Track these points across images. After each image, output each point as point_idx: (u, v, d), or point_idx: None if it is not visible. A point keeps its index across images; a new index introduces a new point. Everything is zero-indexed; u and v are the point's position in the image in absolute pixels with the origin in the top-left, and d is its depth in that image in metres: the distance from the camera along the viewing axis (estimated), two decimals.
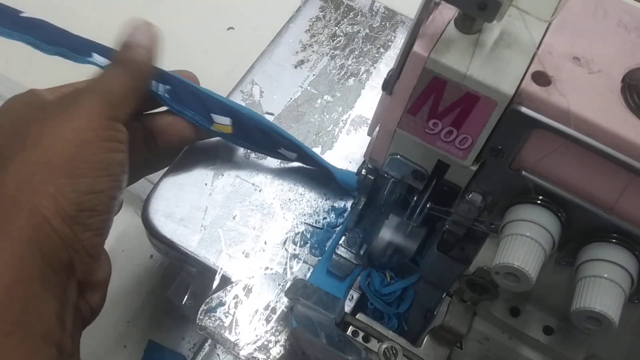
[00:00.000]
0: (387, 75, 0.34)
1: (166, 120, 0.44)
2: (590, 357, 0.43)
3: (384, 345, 0.41)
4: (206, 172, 0.46)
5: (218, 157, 0.47)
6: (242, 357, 0.39)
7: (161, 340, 0.54)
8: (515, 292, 0.42)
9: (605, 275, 0.31)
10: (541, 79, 0.31)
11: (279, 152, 0.45)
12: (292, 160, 0.46)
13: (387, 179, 0.40)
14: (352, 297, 0.43)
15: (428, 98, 0.33)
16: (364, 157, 0.40)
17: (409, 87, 0.33)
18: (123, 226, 0.58)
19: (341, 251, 0.43)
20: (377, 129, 0.37)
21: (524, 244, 0.31)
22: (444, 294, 0.43)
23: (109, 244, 0.51)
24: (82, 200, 0.34)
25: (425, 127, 0.34)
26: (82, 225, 0.35)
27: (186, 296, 0.44)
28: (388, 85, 0.34)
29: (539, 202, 0.33)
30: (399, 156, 0.37)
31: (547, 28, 0.33)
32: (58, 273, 0.34)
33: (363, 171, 0.41)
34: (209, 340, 0.54)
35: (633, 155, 0.30)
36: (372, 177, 0.41)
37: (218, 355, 0.53)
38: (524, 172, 0.33)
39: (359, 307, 0.44)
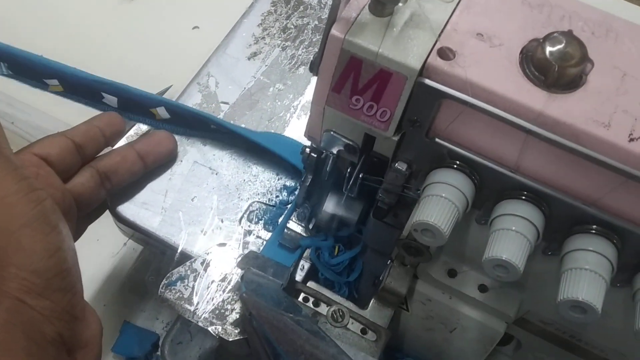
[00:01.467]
0: (313, 57, 0.37)
1: (115, 159, 0.47)
2: (526, 312, 0.47)
3: (332, 308, 0.44)
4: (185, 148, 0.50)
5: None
6: (200, 324, 0.43)
7: (136, 321, 0.57)
8: (451, 255, 0.45)
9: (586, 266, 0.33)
10: (445, 54, 0.34)
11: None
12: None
13: (328, 156, 0.43)
14: (303, 267, 0.46)
15: (348, 76, 0.36)
16: (304, 135, 0.43)
17: (331, 67, 0.36)
18: None
19: (292, 225, 0.47)
20: (311, 107, 0.40)
21: (437, 203, 0.35)
22: (389, 261, 0.46)
23: (85, 236, 0.55)
24: (47, 266, 0.33)
25: (349, 103, 0.37)
26: (58, 291, 0.33)
27: (149, 272, 0.48)
28: (314, 67, 0.37)
29: (455, 166, 0.37)
30: (332, 132, 0.40)
31: (455, 9, 0.36)
32: (46, 349, 0.33)
33: (307, 150, 0.45)
34: (181, 319, 0.57)
35: (529, 118, 0.33)
36: (315, 155, 0.44)
37: (189, 332, 0.57)
38: (437, 139, 0.36)
39: (311, 277, 0.47)
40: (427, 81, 0.33)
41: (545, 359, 0.53)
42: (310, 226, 0.46)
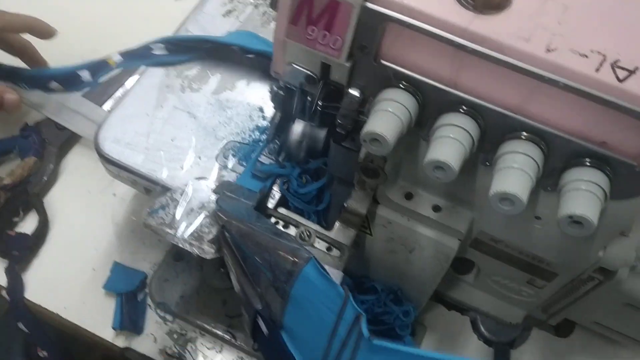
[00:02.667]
0: None
1: None
2: (480, 232, 0.51)
3: (300, 229, 0.49)
4: (148, 105, 0.54)
5: (157, 92, 0.55)
6: (181, 245, 0.47)
7: (125, 262, 0.61)
8: (408, 180, 0.50)
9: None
10: None
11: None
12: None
13: (293, 91, 0.47)
14: (275, 196, 0.51)
15: (303, 8, 0.40)
16: (270, 72, 0.47)
17: (288, 2, 0.40)
18: (87, 170, 0.66)
19: (263, 159, 0.51)
20: (273, 43, 0.45)
21: (383, 116, 0.39)
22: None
23: (77, 189, 0.59)
24: None
25: (306, 34, 0.41)
26: None
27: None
28: (273, 2, 0.42)
29: (401, 86, 0.41)
30: (293, 65, 0.44)
31: None
32: None
33: (274, 88, 0.49)
34: (166, 260, 0.62)
35: (458, 34, 0.37)
36: (282, 93, 0.49)
37: (175, 271, 0.61)
38: (383, 62, 0.40)
39: (282, 206, 0.51)
40: (370, 5, 0.38)
41: (501, 281, 0.57)
42: (281, 159, 0.51)
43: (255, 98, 0.55)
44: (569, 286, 0.52)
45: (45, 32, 0.62)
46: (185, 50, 0.56)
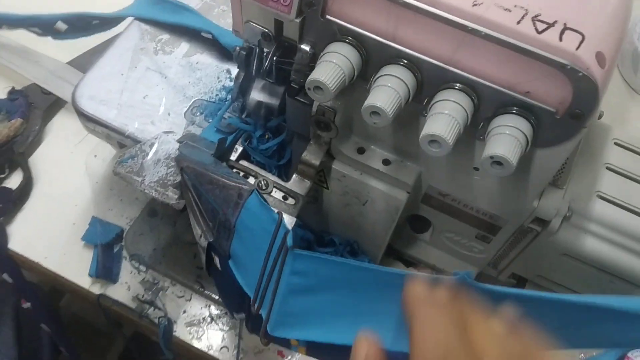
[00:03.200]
0: None
1: None
2: (428, 187, 0.54)
3: (259, 180, 0.52)
4: (122, 66, 0.58)
5: (132, 54, 0.58)
6: (146, 191, 0.50)
7: (104, 217, 0.65)
8: (360, 136, 0.53)
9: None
10: None
11: None
12: None
13: (253, 50, 0.51)
14: (237, 150, 0.54)
15: None
16: (232, 30, 0.51)
17: None
18: (70, 132, 0.69)
19: (227, 115, 0.55)
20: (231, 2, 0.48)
21: (326, 66, 0.42)
22: None
23: (60, 150, 0.62)
24: None
25: None
26: None
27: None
28: None
29: (346, 41, 0.44)
30: (250, 23, 0.48)
31: None
32: None
33: (237, 48, 0.52)
34: (141, 215, 0.65)
35: None
36: (244, 52, 0.52)
37: (149, 226, 0.65)
38: (328, 17, 0.44)
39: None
40: None
41: (454, 238, 0.61)
42: (244, 116, 0.54)
43: (223, 60, 0.59)
44: (512, 239, 0.55)
45: None
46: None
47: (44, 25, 0.59)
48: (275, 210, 0.43)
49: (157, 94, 0.56)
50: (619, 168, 0.52)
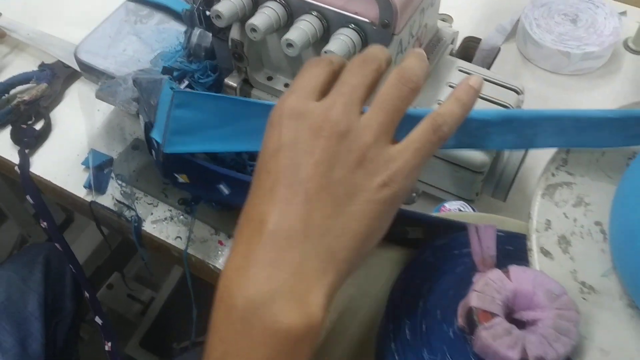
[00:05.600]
0: None
1: None
2: None
3: None
4: (111, 32, 0.79)
5: (118, 25, 0.80)
6: (117, 106, 0.70)
7: (100, 149, 0.85)
8: (269, 67, 0.72)
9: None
10: None
11: None
12: None
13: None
14: (184, 83, 0.74)
15: None
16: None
17: None
18: (83, 96, 0.91)
19: (179, 60, 0.75)
20: None
21: (225, 2, 0.62)
22: None
23: (73, 107, 0.83)
24: None
25: None
26: None
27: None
28: None
29: None
30: None
31: None
32: None
33: (184, 10, 0.73)
34: (127, 149, 0.85)
35: None
36: (189, 12, 0.73)
37: (132, 155, 0.85)
38: None
39: None
40: None
41: None
42: (190, 59, 0.74)
43: (182, 27, 0.80)
44: None
45: None
46: None
47: None
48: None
49: (133, 48, 0.77)
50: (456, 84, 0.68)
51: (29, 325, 1.03)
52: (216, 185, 0.60)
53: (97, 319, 0.93)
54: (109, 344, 0.93)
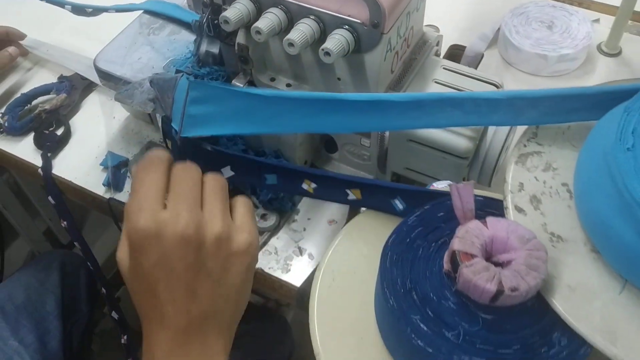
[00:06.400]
0: None
1: None
2: None
3: None
4: (126, 43, 0.86)
5: (132, 37, 0.87)
6: (135, 107, 0.77)
7: (116, 152, 0.92)
8: (272, 69, 0.78)
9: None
10: None
11: None
12: None
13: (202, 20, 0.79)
14: None
15: None
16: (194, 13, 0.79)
17: None
18: (99, 105, 0.98)
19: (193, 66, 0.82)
20: None
21: (231, 8, 0.69)
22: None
23: (91, 115, 0.90)
24: None
25: None
26: None
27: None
28: None
29: None
30: None
31: None
32: None
33: (194, 20, 0.80)
34: (141, 150, 0.92)
35: None
36: (198, 23, 0.80)
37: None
38: None
39: None
40: None
41: (350, 149, 0.84)
42: (200, 65, 0.81)
43: (192, 36, 0.87)
44: (380, 136, 0.78)
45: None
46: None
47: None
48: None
49: (147, 57, 0.84)
50: (442, 81, 0.75)
51: (47, 323, 1.09)
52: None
53: (114, 314, 0.98)
54: (125, 337, 0.99)
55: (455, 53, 1.02)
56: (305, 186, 0.64)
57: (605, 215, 0.46)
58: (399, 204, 0.60)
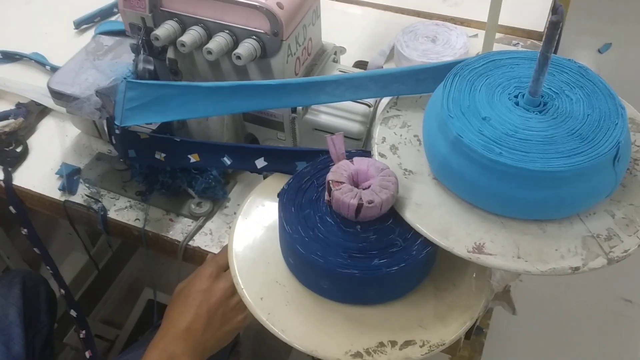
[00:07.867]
0: None
1: None
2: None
3: None
4: (75, 67, 1.00)
5: (80, 62, 1.01)
6: (83, 116, 0.90)
7: (71, 162, 1.04)
8: (198, 78, 0.94)
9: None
10: None
11: None
12: None
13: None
14: None
15: None
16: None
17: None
18: (53, 127, 1.11)
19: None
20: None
21: (161, 27, 0.84)
22: None
23: (45, 135, 1.03)
24: None
25: (129, 4, 0.88)
26: None
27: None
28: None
29: (174, 19, 0.87)
30: (130, 23, 0.91)
31: None
32: None
33: (131, 43, 0.95)
34: (92, 160, 1.05)
35: None
36: (135, 44, 0.95)
37: (97, 164, 1.04)
38: (161, 8, 0.86)
39: None
40: None
41: (271, 143, 0.99)
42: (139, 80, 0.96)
43: (131, 60, 1.01)
44: (292, 130, 0.93)
45: None
46: None
47: None
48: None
49: (93, 77, 0.98)
50: None
51: (11, 331, 1.18)
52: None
53: (80, 332, 1.09)
54: (83, 332, 1.09)
55: (360, 67, 1.19)
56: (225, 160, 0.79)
57: (440, 152, 0.61)
58: (300, 167, 0.75)
